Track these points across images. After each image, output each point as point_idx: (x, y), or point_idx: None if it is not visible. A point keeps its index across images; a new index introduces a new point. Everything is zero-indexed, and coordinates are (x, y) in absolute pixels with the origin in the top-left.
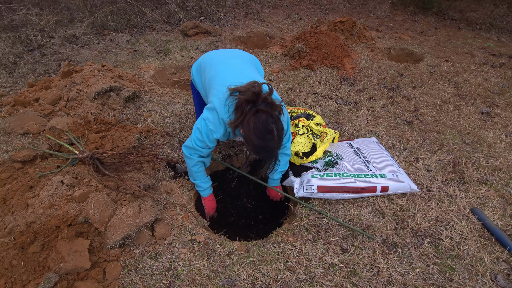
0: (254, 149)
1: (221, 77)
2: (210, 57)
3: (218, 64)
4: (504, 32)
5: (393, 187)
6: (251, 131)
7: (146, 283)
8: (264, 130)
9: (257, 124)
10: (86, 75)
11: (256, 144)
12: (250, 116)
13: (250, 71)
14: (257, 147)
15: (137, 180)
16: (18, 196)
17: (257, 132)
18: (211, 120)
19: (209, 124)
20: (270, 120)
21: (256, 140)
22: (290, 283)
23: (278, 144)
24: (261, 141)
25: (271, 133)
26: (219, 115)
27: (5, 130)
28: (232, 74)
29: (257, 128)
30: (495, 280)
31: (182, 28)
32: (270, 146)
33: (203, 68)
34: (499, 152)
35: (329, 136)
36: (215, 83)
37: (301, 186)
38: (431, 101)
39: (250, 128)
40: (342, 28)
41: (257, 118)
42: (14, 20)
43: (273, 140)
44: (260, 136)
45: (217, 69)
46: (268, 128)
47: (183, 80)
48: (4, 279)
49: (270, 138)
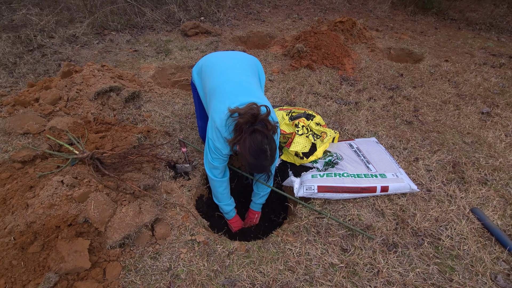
0: (248, 166)
1: (222, 93)
2: (212, 62)
3: (219, 75)
4: (504, 32)
5: (393, 187)
6: (246, 150)
7: (146, 283)
8: (259, 150)
9: (252, 144)
10: (86, 75)
11: (250, 162)
12: (246, 136)
13: (250, 86)
14: (251, 164)
15: (137, 180)
16: (18, 196)
17: (252, 152)
18: (216, 139)
19: (216, 143)
20: (265, 141)
21: (250, 158)
22: (290, 283)
23: (271, 162)
24: (255, 160)
25: (264, 153)
26: (221, 134)
27: (5, 130)
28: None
29: (252, 147)
30: (495, 280)
31: (182, 28)
32: (263, 165)
33: (204, 73)
34: (499, 152)
35: (329, 136)
36: (216, 97)
37: (301, 186)
38: (431, 101)
39: (245, 147)
40: (342, 28)
41: (253, 138)
42: (14, 20)
43: (266, 159)
44: (254, 155)
45: (218, 81)
46: (262, 148)
47: (183, 80)
48: (4, 279)
49: (264, 158)
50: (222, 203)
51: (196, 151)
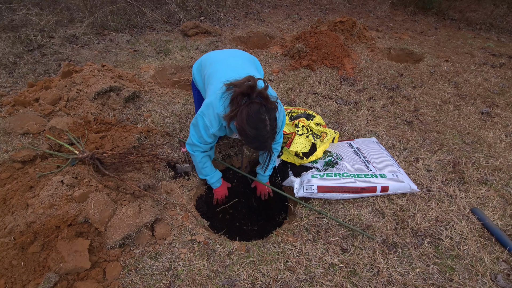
0: (247, 139)
1: (219, 74)
2: (211, 56)
3: (217, 62)
4: (504, 32)
5: (393, 187)
6: (243, 121)
7: (146, 283)
8: (257, 119)
9: (249, 113)
10: (86, 75)
11: (249, 134)
12: (243, 107)
13: (248, 69)
14: (250, 136)
15: (137, 180)
16: (18, 196)
17: (250, 121)
18: (206, 115)
19: (205, 119)
20: (263, 110)
21: (249, 129)
22: (290, 283)
23: (271, 134)
24: (254, 130)
25: (263, 122)
26: (214, 110)
27: (5, 130)
28: (230, 71)
29: (250, 116)
30: (495, 280)
31: (182, 28)
32: (263, 135)
33: (203, 67)
34: (499, 152)
35: (329, 136)
36: (213, 79)
37: (301, 186)
38: (431, 101)
39: (243, 117)
40: (342, 28)
41: (250, 108)
42: (14, 20)
43: (265, 129)
44: (252, 124)
45: (216, 67)
46: (261, 117)
47: (183, 80)
48: (4, 279)
49: (263, 127)
50: (207, 177)
51: None
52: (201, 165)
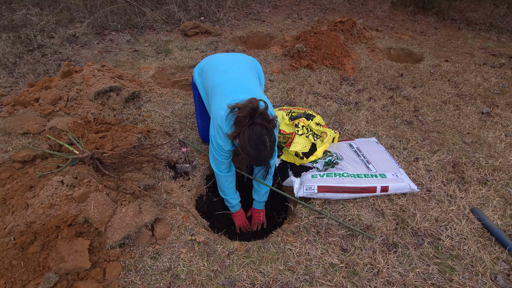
0: (248, 158)
1: (222, 91)
2: (213, 63)
3: (220, 73)
4: (504, 32)
5: (393, 187)
6: (246, 142)
7: (146, 283)
8: (258, 141)
9: (251, 135)
10: (86, 75)
11: (250, 154)
12: (245, 128)
13: (250, 84)
14: (251, 156)
15: (137, 180)
16: (18, 196)
17: (252, 142)
18: (218, 136)
19: (218, 140)
20: (264, 132)
21: (251, 149)
22: (290, 283)
23: (270, 153)
24: (255, 151)
25: (264, 144)
26: (223, 131)
27: (5, 130)
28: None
29: (252, 138)
30: (495, 280)
31: (182, 28)
32: (263, 155)
33: (205, 73)
34: (499, 152)
35: (329, 136)
36: (217, 96)
37: (301, 186)
38: (431, 101)
39: (245, 138)
40: (342, 28)
41: (252, 130)
42: (14, 20)
43: (265, 150)
44: (254, 145)
45: (219, 79)
46: (262, 139)
47: (183, 80)
48: (4, 279)
49: (263, 148)
50: (228, 197)
51: (196, 151)
52: (226, 185)
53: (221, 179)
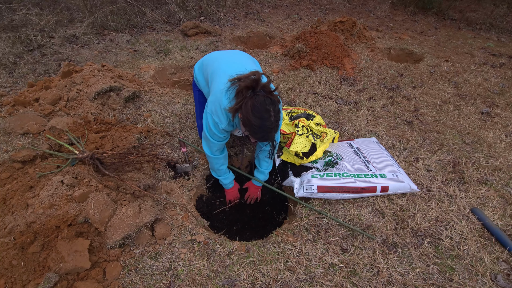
0: (252, 129)
1: (223, 70)
2: (213, 55)
3: (219, 59)
4: (504, 32)
5: (393, 187)
6: (249, 111)
7: (146, 283)
8: (262, 109)
9: (255, 104)
10: (86, 75)
11: (254, 124)
12: (248, 99)
13: (249, 65)
14: (255, 126)
15: (137, 180)
16: (18, 196)
17: (255, 111)
18: (214, 112)
19: (214, 116)
20: (268, 101)
21: (254, 119)
22: (290, 283)
23: (275, 125)
24: (259, 120)
25: (268, 112)
26: (221, 106)
27: (5, 130)
28: (233, 67)
29: (255, 107)
30: (495, 280)
31: (182, 28)
32: (267, 126)
33: (206, 66)
34: (499, 152)
35: (329, 136)
36: (217, 75)
37: (301, 186)
38: (431, 101)
39: (248, 108)
40: (342, 28)
41: (255, 99)
42: (14, 20)
43: (269, 119)
44: (258, 115)
45: (219, 64)
46: (266, 107)
47: (183, 80)
48: (4, 279)
49: (267, 117)
50: (220, 177)
51: (196, 151)
52: (217, 166)
53: (212, 161)
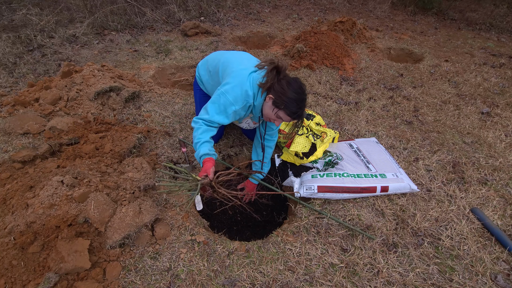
0: (288, 105)
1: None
2: (218, 52)
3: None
4: (504, 32)
5: (393, 187)
6: (284, 88)
7: (146, 283)
8: (297, 86)
9: (290, 81)
10: (86, 75)
11: (291, 97)
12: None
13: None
14: (292, 100)
15: (137, 180)
16: (18, 196)
17: (291, 87)
18: (231, 92)
19: (229, 96)
20: (299, 80)
21: (292, 93)
22: (290, 283)
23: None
24: (298, 95)
25: (301, 88)
26: (242, 88)
27: (5, 130)
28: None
29: (291, 84)
30: (495, 280)
31: (182, 28)
32: (303, 99)
33: (211, 60)
34: (499, 152)
35: (329, 136)
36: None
37: (301, 186)
38: (431, 101)
39: (283, 86)
40: (342, 28)
41: (289, 78)
42: (14, 20)
43: (304, 94)
44: (294, 90)
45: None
46: (299, 84)
47: (183, 80)
48: (4, 279)
49: (302, 92)
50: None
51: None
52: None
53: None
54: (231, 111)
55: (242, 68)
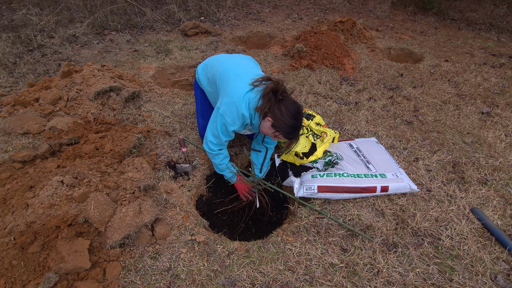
0: (285, 130)
1: (234, 73)
2: (217, 57)
3: (225, 62)
4: (504, 32)
5: (393, 187)
6: (283, 114)
7: (146, 283)
8: (295, 111)
9: (288, 106)
10: (86, 75)
11: (289, 124)
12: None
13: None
14: (289, 127)
15: (137, 180)
16: (18, 196)
17: (289, 113)
18: (229, 114)
19: (227, 118)
20: (297, 104)
21: (289, 120)
22: (290, 283)
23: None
24: (293, 120)
25: (299, 113)
26: (238, 110)
27: (5, 130)
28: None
29: (289, 109)
30: (495, 280)
31: (182, 28)
32: (298, 125)
33: (210, 67)
34: (499, 152)
35: (329, 136)
36: (229, 78)
37: (301, 186)
38: (431, 101)
39: (282, 111)
40: (342, 28)
41: (287, 102)
42: (14, 20)
43: (300, 119)
44: (292, 116)
45: (226, 66)
46: (297, 109)
47: (183, 80)
48: (4, 279)
49: (299, 117)
50: (223, 172)
51: (196, 151)
52: (217, 161)
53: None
54: (230, 130)
55: (238, 85)
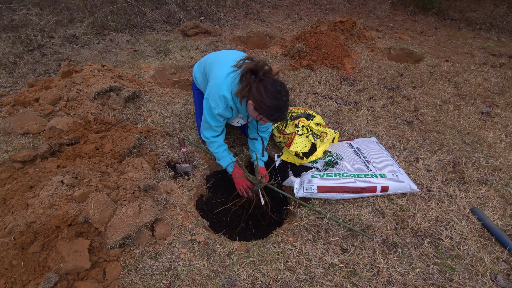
0: (267, 112)
1: (220, 60)
2: (211, 54)
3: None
4: (504, 32)
5: (393, 187)
6: (262, 95)
7: (146, 283)
8: (274, 90)
9: (267, 86)
10: (86, 75)
11: (269, 105)
12: (256, 84)
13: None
14: (271, 108)
15: (137, 180)
16: (18, 196)
17: (269, 94)
18: (212, 97)
19: (210, 101)
20: (277, 83)
21: (269, 101)
22: (290, 283)
23: (287, 104)
24: (274, 101)
25: (280, 93)
26: (219, 91)
27: (5, 130)
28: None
29: (268, 89)
30: (495, 280)
31: (182, 28)
32: (281, 106)
33: (203, 63)
34: (499, 152)
35: (329, 136)
36: (215, 65)
37: (301, 186)
38: (431, 101)
39: (260, 92)
40: (342, 28)
41: (265, 82)
42: (14, 20)
43: (282, 99)
44: (271, 96)
45: (216, 57)
46: (277, 88)
47: (183, 80)
48: (4, 279)
49: (280, 97)
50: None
51: (196, 151)
52: (213, 149)
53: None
54: (216, 113)
55: (221, 68)
